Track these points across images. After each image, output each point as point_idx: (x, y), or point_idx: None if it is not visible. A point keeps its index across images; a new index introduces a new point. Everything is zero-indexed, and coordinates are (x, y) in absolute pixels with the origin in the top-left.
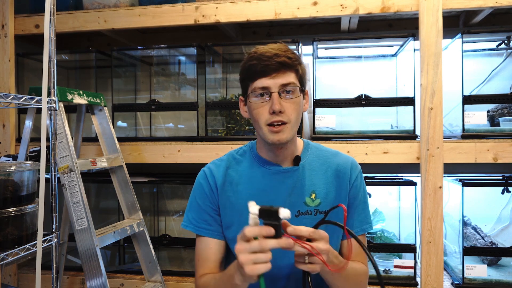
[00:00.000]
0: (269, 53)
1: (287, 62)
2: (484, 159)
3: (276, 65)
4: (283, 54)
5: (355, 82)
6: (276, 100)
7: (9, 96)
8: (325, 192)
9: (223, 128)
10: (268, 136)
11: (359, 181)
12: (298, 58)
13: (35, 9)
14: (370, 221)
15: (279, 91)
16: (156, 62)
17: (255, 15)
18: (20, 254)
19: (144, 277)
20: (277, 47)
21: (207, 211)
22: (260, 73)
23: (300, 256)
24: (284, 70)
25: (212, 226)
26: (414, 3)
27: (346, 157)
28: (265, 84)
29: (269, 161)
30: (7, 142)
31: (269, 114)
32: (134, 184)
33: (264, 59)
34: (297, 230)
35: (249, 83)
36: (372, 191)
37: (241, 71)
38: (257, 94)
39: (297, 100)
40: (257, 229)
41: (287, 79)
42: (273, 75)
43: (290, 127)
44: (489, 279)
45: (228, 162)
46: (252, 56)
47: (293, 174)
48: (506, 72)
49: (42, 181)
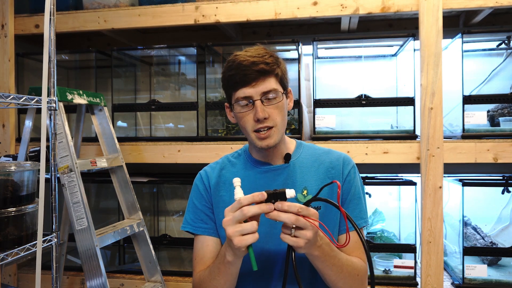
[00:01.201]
0: (246, 62)
1: (265, 69)
2: (484, 159)
3: (255, 74)
4: (260, 61)
5: (355, 82)
6: (259, 108)
7: (9, 96)
8: (317, 188)
9: (223, 128)
10: (256, 142)
11: (352, 176)
12: (276, 61)
13: (35, 9)
14: (365, 217)
15: (261, 98)
16: (156, 62)
17: (255, 15)
18: (20, 254)
19: (144, 277)
20: (254, 53)
21: (203, 210)
22: (240, 83)
23: (286, 228)
24: (263, 78)
25: (208, 225)
26: (414, 3)
27: (338, 153)
28: (247, 94)
29: (260, 161)
30: (7, 142)
31: (254, 122)
32: (134, 184)
33: (242, 69)
34: (285, 205)
35: (231, 92)
36: (372, 191)
37: (222, 79)
38: (241, 103)
39: (280, 104)
40: (249, 196)
41: (267, 86)
42: (253, 84)
43: (277, 130)
44: (489, 279)
45: (223, 165)
46: (231, 66)
47: (284, 171)
48: (506, 72)
49: (42, 181)
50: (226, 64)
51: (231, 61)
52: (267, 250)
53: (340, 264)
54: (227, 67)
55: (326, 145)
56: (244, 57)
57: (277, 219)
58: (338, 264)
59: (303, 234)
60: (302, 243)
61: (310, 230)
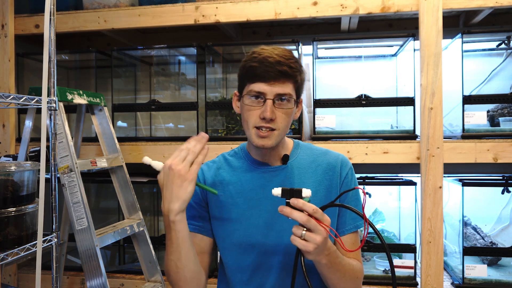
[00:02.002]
0: (272, 59)
1: (288, 72)
2: (484, 159)
3: (276, 73)
4: (286, 62)
5: (355, 82)
6: (269, 108)
7: (9, 96)
8: (314, 189)
9: (223, 128)
10: (254, 139)
11: (350, 178)
12: (300, 68)
13: (35, 9)
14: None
15: (273, 99)
16: (156, 62)
17: (255, 15)
18: (20, 254)
19: (144, 277)
20: (281, 53)
21: (196, 208)
22: (259, 77)
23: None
24: (283, 80)
25: (198, 223)
26: (414, 3)
27: (336, 155)
28: (262, 90)
29: (258, 161)
30: (7, 142)
31: (260, 119)
32: (134, 184)
33: (266, 64)
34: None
35: (246, 83)
36: (372, 191)
37: (241, 67)
38: (252, 96)
39: (289, 111)
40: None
41: (284, 89)
42: (272, 82)
43: (278, 134)
44: (489, 279)
45: (220, 163)
46: (255, 58)
47: (281, 172)
48: (506, 72)
49: (42, 181)
50: (250, 54)
51: (257, 53)
52: (267, 241)
53: (344, 270)
54: (251, 58)
55: (326, 145)
56: (271, 53)
57: (289, 216)
58: (342, 270)
59: (313, 238)
60: (311, 248)
61: (320, 235)
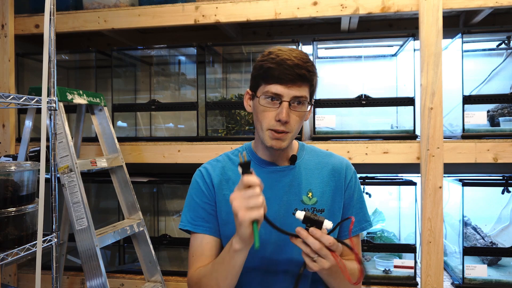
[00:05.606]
0: (290, 62)
1: (305, 76)
2: (484, 159)
3: (294, 76)
4: (304, 65)
5: (355, 82)
6: (285, 110)
7: (9, 96)
8: (321, 191)
9: (223, 128)
10: (268, 140)
11: (354, 182)
12: (315, 72)
13: (35, 9)
14: (368, 219)
15: (290, 101)
16: (156, 62)
17: (255, 15)
18: (20, 254)
19: (144, 277)
20: (299, 55)
21: (204, 208)
22: (277, 79)
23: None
24: (300, 83)
25: (208, 223)
26: (414, 3)
27: (340, 158)
28: (279, 92)
29: (266, 160)
30: (7, 142)
31: (275, 121)
32: (134, 184)
33: (285, 66)
34: (318, 233)
35: (261, 83)
36: (372, 191)
37: (257, 67)
38: (268, 97)
39: (302, 114)
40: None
41: (301, 92)
42: (289, 85)
43: (291, 136)
44: (489, 279)
45: (224, 162)
46: (273, 59)
47: (290, 172)
48: (506, 72)
49: (42, 181)
50: (266, 54)
51: (274, 54)
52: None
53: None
54: (268, 59)
55: (326, 145)
56: (290, 56)
57: (304, 240)
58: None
59: (322, 263)
60: (317, 268)
61: (330, 262)
